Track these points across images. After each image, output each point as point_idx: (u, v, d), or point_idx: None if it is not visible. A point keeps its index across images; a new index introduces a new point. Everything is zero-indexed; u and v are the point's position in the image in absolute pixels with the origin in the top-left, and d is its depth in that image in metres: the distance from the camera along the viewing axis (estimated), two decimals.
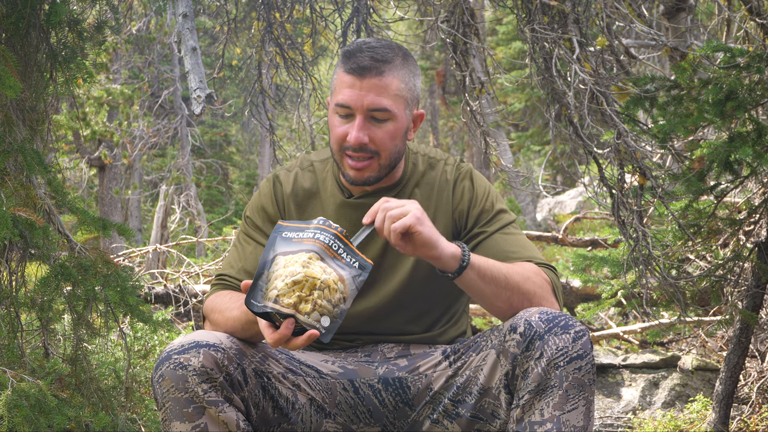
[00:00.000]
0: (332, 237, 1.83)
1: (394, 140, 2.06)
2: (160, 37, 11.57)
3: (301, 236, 1.83)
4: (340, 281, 1.80)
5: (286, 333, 1.77)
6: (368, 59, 2.02)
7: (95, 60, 7.64)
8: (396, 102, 2.04)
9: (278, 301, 1.76)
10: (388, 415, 2.09)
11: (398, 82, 2.05)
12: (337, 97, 2.05)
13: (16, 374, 2.40)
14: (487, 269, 1.93)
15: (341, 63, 2.06)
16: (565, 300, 5.53)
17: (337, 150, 2.08)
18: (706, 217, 3.24)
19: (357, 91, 2.02)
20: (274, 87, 6.17)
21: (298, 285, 1.76)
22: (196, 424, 1.87)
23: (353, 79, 2.02)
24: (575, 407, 1.85)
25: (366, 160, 2.05)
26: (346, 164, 2.07)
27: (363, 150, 2.04)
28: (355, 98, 2.02)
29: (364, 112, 2.02)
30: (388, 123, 2.05)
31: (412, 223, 1.84)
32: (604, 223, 7.38)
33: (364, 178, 2.08)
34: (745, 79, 2.86)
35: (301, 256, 1.79)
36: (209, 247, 11.51)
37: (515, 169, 7.80)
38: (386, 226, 1.85)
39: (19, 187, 2.57)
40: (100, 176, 12.61)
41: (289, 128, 16.26)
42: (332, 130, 2.08)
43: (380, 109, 2.03)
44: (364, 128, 2.03)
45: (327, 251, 1.81)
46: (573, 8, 3.34)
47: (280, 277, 1.77)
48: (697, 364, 3.82)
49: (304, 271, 1.77)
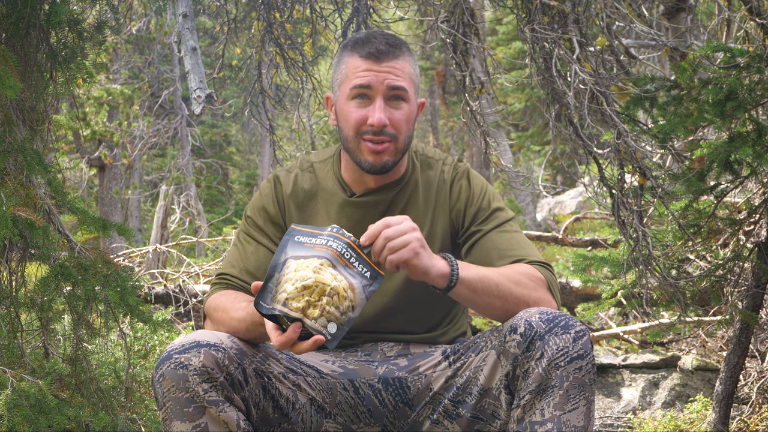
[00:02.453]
0: (345, 245, 1.82)
1: (409, 123, 2.11)
2: (160, 37, 11.57)
3: (314, 242, 1.83)
4: (350, 289, 1.79)
5: (293, 336, 1.77)
6: (383, 44, 2.08)
7: (95, 60, 7.64)
8: (410, 84, 2.10)
9: (287, 304, 1.76)
10: (388, 415, 2.09)
11: (410, 67, 2.11)
12: (353, 80, 2.07)
13: (16, 374, 2.40)
14: (478, 281, 1.92)
15: (352, 50, 2.09)
16: (565, 300, 5.53)
17: (354, 136, 2.09)
18: (706, 217, 3.24)
19: (376, 73, 2.06)
20: (274, 87, 6.17)
21: (308, 290, 1.76)
22: (196, 424, 1.87)
23: (370, 62, 2.07)
24: (576, 407, 1.85)
25: (385, 143, 2.07)
26: (365, 148, 2.08)
27: (383, 133, 2.06)
28: (374, 79, 2.06)
29: (383, 92, 2.06)
30: (404, 105, 2.09)
31: (408, 258, 1.84)
32: (604, 223, 7.38)
33: (383, 161, 2.09)
34: (745, 79, 2.86)
35: (312, 262, 1.79)
36: (209, 247, 11.51)
37: (515, 169, 7.80)
38: (383, 255, 1.85)
39: (19, 187, 2.57)
40: (100, 176, 12.62)
41: (289, 128, 16.27)
42: (348, 116, 2.09)
43: (399, 87, 2.07)
44: (385, 110, 2.07)
45: (339, 259, 1.81)
46: (573, 8, 3.34)
47: (290, 281, 1.77)
48: (697, 364, 3.82)
49: (314, 276, 1.76)
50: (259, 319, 1.90)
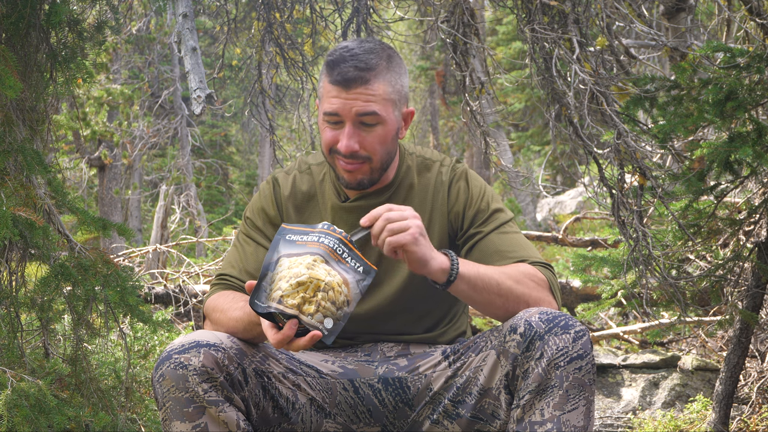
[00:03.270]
0: (337, 241, 1.83)
1: (384, 144, 2.06)
2: (160, 37, 11.57)
3: (306, 239, 1.83)
4: (344, 284, 1.80)
5: (290, 334, 1.77)
6: (352, 69, 2.00)
7: (95, 60, 7.63)
8: (384, 106, 2.03)
9: (282, 301, 1.76)
10: (388, 415, 2.09)
11: (384, 86, 2.03)
12: (324, 106, 2.04)
13: (16, 374, 2.40)
14: (478, 278, 1.93)
15: (325, 72, 2.04)
16: (565, 300, 5.53)
17: (329, 153, 2.08)
18: (706, 217, 3.24)
19: (344, 100, 2.01)
20: (274, 87, 6.17)
21: (303, 286, 1.76)
22: (196, 424, 1.87)
23: (339, 89, 2.01)
24: (575, 407, 1.85)
25: (356, 164, 2.05)
26: (339, 166, 2.08)
27: (354, 156, 2.04)
28: (342, 107, 2.01)
29: (352, 119, 2.02)
30: (378, 127, 2.04)
31: (407, 242, 1.84)
32: (604, 223, 7.38)
33: (357, 180, 2.08)
34: (745, 79, 2.86)
35: (305, 259, 1.79)
36: (209, 247, 11.51)
37: (515, 169, 7.80)
38: (382, 237, 1.85)
39: (19, 187, 2.57)
40: (100, 176, 12.61)
41: (289, 128, 16.26)
42: (323, 134, 2.08)
43: (369, 113, 2.02)
44: (354, 135, 2.02)
45: (332, 255, 1.81)
46: (573, 8, 3.34)
47: (284, 279, 1.77)
48: (697, 364, 3.82)
49: (308, 272, 1.77)
50: (256, 318, 1.90)
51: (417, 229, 1.85)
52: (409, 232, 1.84)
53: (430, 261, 1.87)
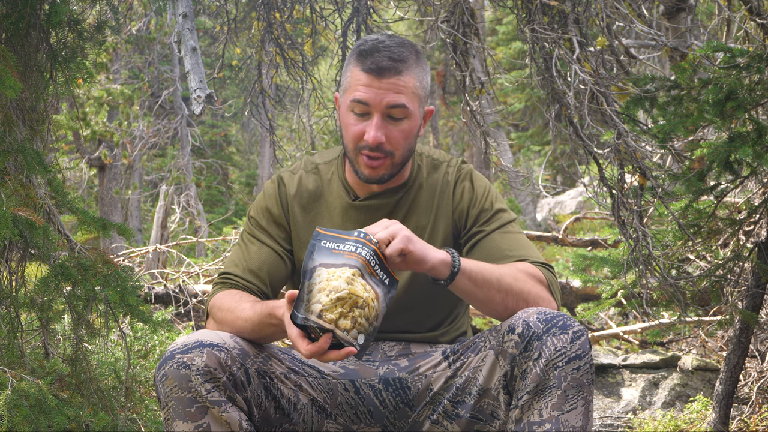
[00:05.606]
0: (372, 253, 1.81)
1: (408, 139, 2.07)
2: (160, 37, 11.57)
3: (342, 248, 1.81)
4: (376, 299, 1.80)
5: (324, 347, 1.76)
6: (386, 59, 2.02)
7: (95, 60, 7.64)
8: (412, 100, 2.05)
9: (322, 315, 1.75)
10: (388, 416, 2.09)
11: (414, 81, 2.05)
12: (354, 93, 2.04)
13: (16, 374, 2.40)
14: (479, 273, 1.93)
15: (356, 61, 2.05)
16: (565, 300, 5.53)
17: (353, 148, 2.08)
18: (706, 217, 3.24)
19: (375, 89, 2.02)
20: (274, 87, 6.17)
21: (341, 301, 1.75)
22: (198, 424, 1.87)
23: (371, 78, 2.02)
24: (574, 407, 1.85)
25: (380, 159, 2.06)
26: (362, 162, 2.08)
27: (379, 149, 2.05)
28: (373, 96, 2.02)
29: (382, 110, 2.03)
30: (404, 122, 2.05)
31: (403, 245, 1.84)
32: (604, 223, 7.38)
33: (378, 175, 2.08)
34: (745, 79, 2.86)
35: (344, 271, 1.78)
36: (209, 247, 11.52)
37: (515, 169, 7.80)
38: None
39: (19, 187, 2.57)
40: (100, 176, 12.62)
41: (289, 128, 16.26)
42: (347, 128, 2.08)
43: (399, 106, 2.03)
44: (382, 127, 2.03)
45: (367, 268, 1.80)
46: (573, 8, 3.34)
47: (323, 291, 1.76)
48: (697, 364, 3.82)
49: (348, 288, 1.75)
50: (267, 320, 1.90)
51: (404, 230, 1.86)
52: (399, 236, 1.85)
53: (429, 256, 1.88)
